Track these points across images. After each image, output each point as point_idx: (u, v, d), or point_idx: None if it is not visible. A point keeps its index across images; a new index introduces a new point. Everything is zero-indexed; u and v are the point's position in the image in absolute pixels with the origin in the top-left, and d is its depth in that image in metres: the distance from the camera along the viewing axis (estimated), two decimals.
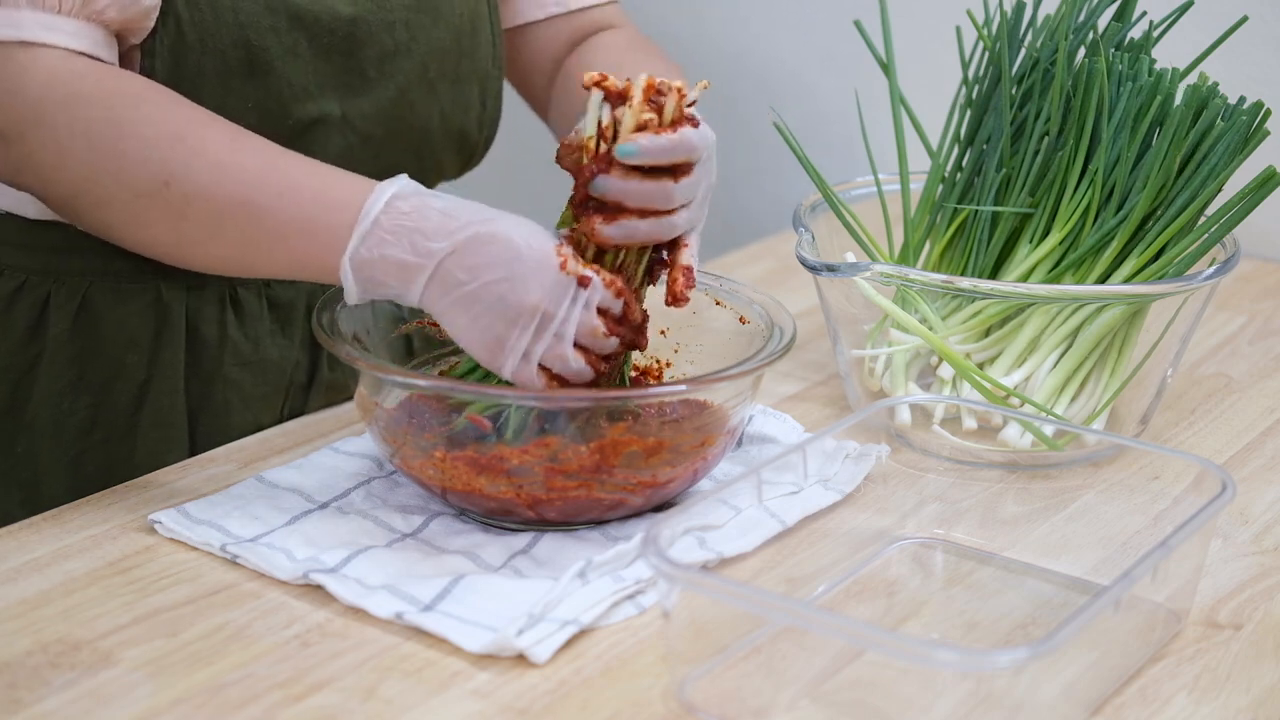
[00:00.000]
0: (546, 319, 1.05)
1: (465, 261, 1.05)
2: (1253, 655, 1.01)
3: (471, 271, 1.05)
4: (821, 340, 1.48)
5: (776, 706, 0.96)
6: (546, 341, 1.06)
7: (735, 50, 2.09)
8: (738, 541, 1.11)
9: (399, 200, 1.07)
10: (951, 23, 1.41)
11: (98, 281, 1.27)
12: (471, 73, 1.36)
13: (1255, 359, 1.49)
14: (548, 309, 1.05)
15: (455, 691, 0.96)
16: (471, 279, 1.05)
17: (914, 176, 1.37)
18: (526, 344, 1.05)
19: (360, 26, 1.26)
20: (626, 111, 1.05)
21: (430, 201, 1.07)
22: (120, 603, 1.03)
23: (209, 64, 1.20)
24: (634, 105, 1.05)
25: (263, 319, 1.32)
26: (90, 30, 1.12)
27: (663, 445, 1.09)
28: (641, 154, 1.05)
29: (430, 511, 1.14)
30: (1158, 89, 1.25)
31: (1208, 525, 1.00)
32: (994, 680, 0.88)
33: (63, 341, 1.28)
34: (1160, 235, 1.25)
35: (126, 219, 1.12)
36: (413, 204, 1.07)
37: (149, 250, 1.15)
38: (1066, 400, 1.26)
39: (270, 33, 1.22)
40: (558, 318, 1.05)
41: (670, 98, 1.06)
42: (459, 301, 1.06)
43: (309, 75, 1.24)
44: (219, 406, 1.31)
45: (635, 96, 1.05)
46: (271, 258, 1.11)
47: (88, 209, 1.13)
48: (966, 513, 1.16)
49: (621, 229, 1.07)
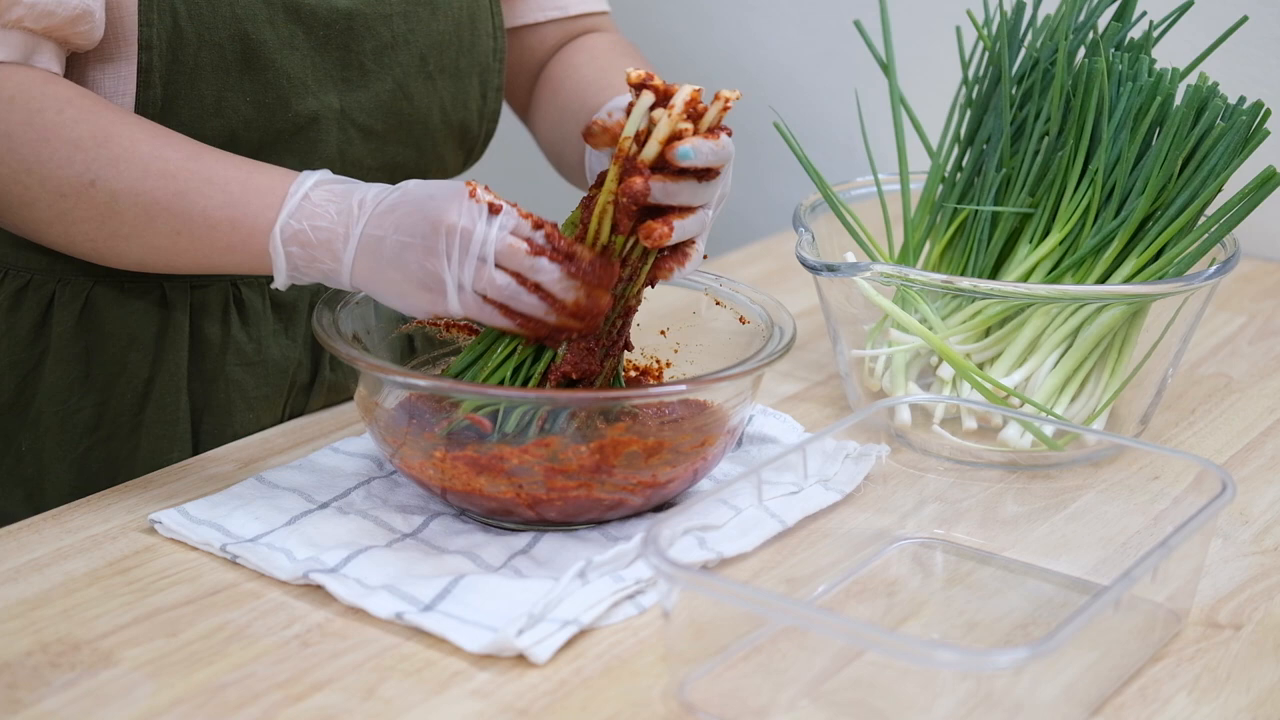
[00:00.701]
0: (465, 237, 1.06)
1: (383, 221, 1.08)
2: (1253, 655, 1.01)
3: (389, 222, 1.08)
4: (821, 340, 1.48)
5: (776, 706, 0.96)
6: (472, 264, 1.06)
7: (735, 50, 2.09)
8: (738, 541, 1.11)
9: (328, 182, 1.11)
10: (951, 23, 1.41)
11: (102, 281, 1.28)
12: (472, 66, 1.36)
13: (1255, 359, 1.49)
14: (464, 225, 1.06)
15: (455, 691, 0.96)
16: (391, 230, 1.08)
17: (914, 176, 1.37)
18: (456, 271, 1.06)
19: (357, 19, 1.26)
20: (664, 119, 1.06)
21: (358, 184, 1.11)
22: (120, 603, 1.03)
23: (206, 57, 1.20)
24: (673, 115, 1.06)
25: (266, 319, 1.32)
26: (9, 37, 1.13)
27: (662, 445, 1.09)
28: (697, 157, 1.06)
29: (430, 511, 1.14)
30: (1158, 89, 1.25)
31: (1208, 525, 1.00)
32: (994, 680, 0.88)
33: (67, 340, 1.28)
34: (1160, 235, 1.25)
35: (51, 218, 1.14)
36: (340, 185, 1.11)
37: (77, 250, 1.17)
38: (1066, 400, 1.26)
39: (267, 25, 1.22)
40: (475, 237, 1.06)
41: (715, 106, 1.07)
42: (384, 260, 1.08)
43: (306, 68, 1.25)
44: (222, 406, 1.31)
45: (676, 106, 1.06)
46: (200, 249, 1.13)
47: (12, 209, 1.15)
48: (966, 513, 1.16)
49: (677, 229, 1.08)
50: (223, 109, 1.21)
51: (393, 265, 1.08)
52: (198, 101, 1.21)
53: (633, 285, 1.11)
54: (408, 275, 1.08)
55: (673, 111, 1.06)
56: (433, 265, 1.07)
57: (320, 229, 1.10)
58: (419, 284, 1.08)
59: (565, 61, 1.40)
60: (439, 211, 1.07)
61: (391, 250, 1.08)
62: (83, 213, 1.13)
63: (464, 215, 1.06)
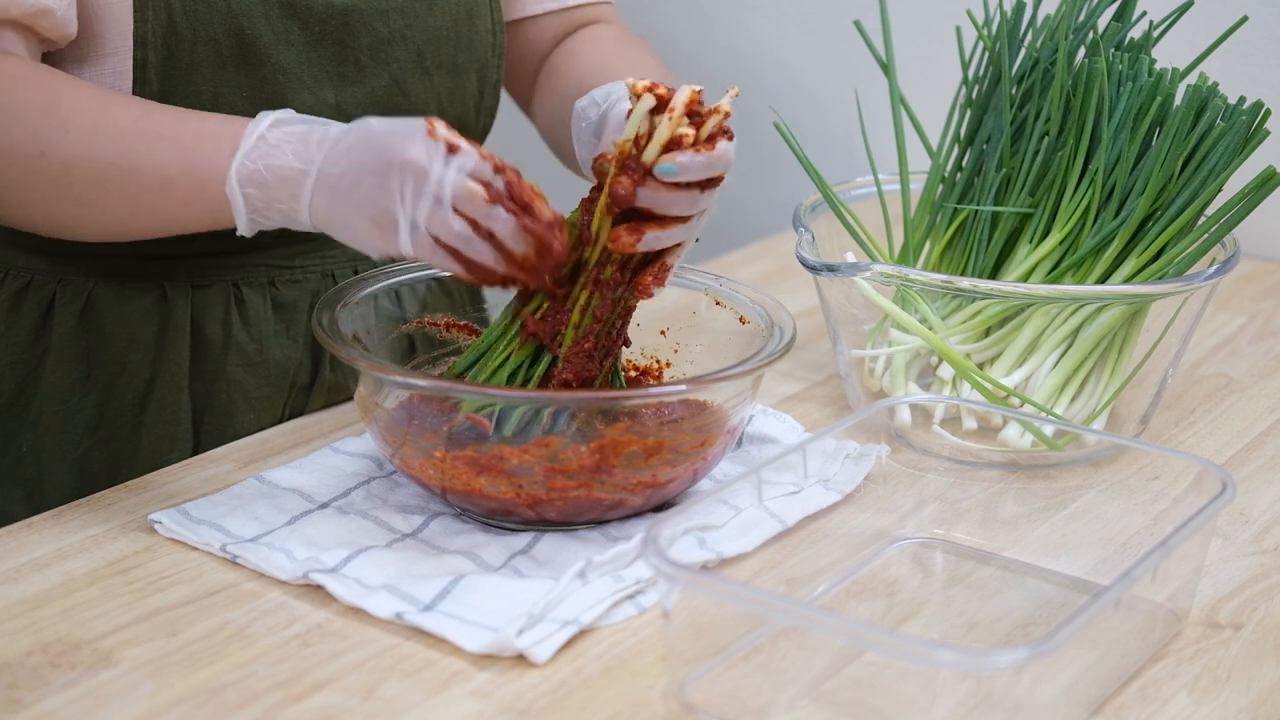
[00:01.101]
0: (421, 176, 1.03)
1: (340, 157, 1.06)
2: (1253, 655, 1.01)
3: (346, 159, 1.06)
4: (821, 340, 1.48)
5: (776, 706, 0.96)
6: (427, 203, 1.04)
7: (735, 50, 2.09)
8: (738, 541, 1.11)
9: (285, 122, 1.09)
10: (951, 23, 1.41)
11: (102, 282, 1.28)
12: (470, 62, 1.36)
13: (1255, 359, 1.49)
14: (420, 163, 1.03)
15: (455, 691, 0.96)
16: (347, 165, 1.06)
17: (914, 176, 1.37)
18: (410, 209, 1.04)
19: (353, 14, 1.26)
20: (665, 122, 1.05)
21: (316, 122, 1.09)
22: (120, 603, 1.03)
23: (202, 53, 1.20)
24: (673, 118, 1.04)
25: (267, 319, 1.32)
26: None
27: (662, 445, 1.09)
28: (681, 173, 1.05)
29: (430, 511, 1.14)
30: (1158, 89, 1.25)
31: (1208, 525, 1.00)
32: (994, 680, 0.88)
33: (68, 340, 1.28)
34: (1160, 235, 1.25)
35: (6, 193, 1.14)
36: (300, 125, 1.09)
37: (37, 225, 1.16)
38: (1066, 400, 1.26)
39: (262, 21, 1.22)
40: (431, 176, 1.03)
41: (714, 117, 1.05)
42: (340, 195, 1.06)
43: (302, 63, 1.24)
44: (223, 406, 1.31)
45: (676, 109, 1.05)
46: (157, 206, 1.12)
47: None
48: (966, 513, 1.16)
49: (646, 240, 1.07)
50: (219, 105, 1.21)
51: (348, 201, 1.06)
52: (194, 97, 1.21)
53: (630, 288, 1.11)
54: (362, 212, 1.05)
55: (672, 114, 1.05)
56: (386, 202, 1.04)
57: (276, 168, 1.07)
58: (372, 221, 1.05)
59: (567, 51, 1.40)
60: (395, 148, 1.04)
61: (347, 186, 1.06)
62: (36, 184, 1.12)
63: (420, 152, 1.04)
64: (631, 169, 1.06)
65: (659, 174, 1.05)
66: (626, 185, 1.05)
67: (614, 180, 1.06)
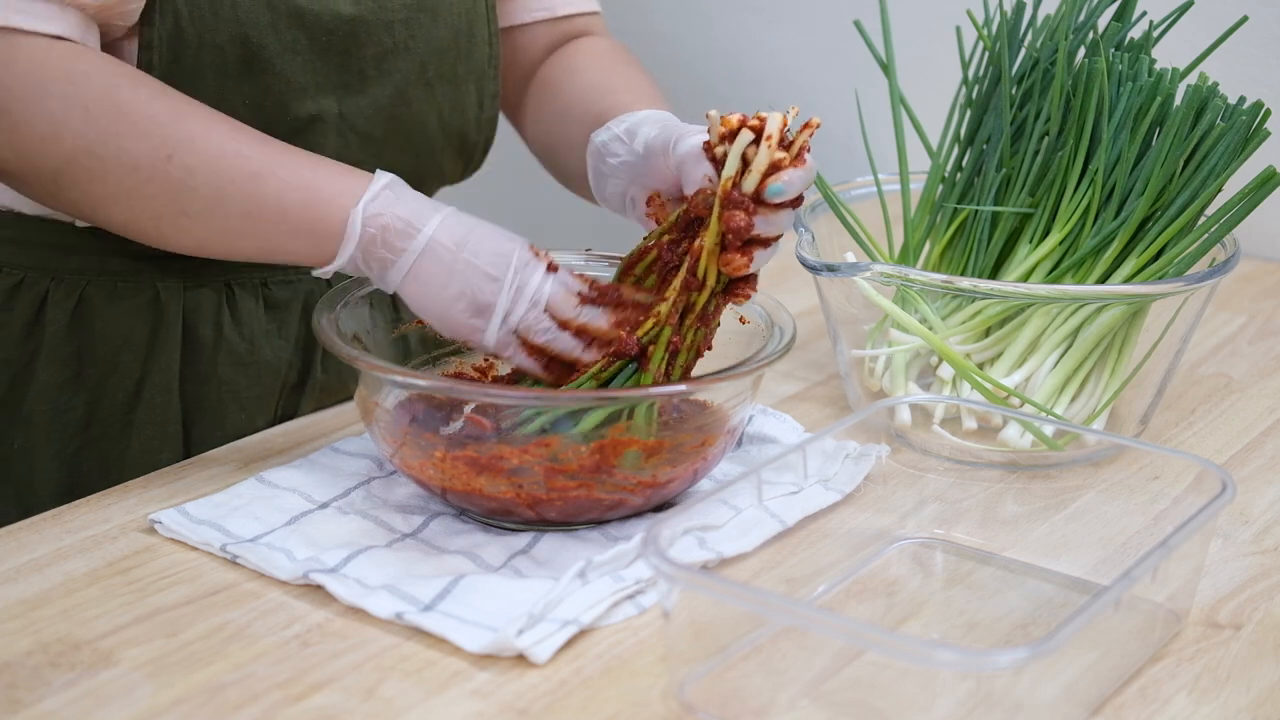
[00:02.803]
0: (525, 279, 1.10)
1: (455, 233, 1.11)
2: (1253, 655, 1.01)
3: (461, 239, 1.11)
4: (821, 340, 1.48)
5: (776, 706, 0.96)
6: (525, 303, 1.10)
7: (735, 50, 2.09)
8: (738, 541, 1.11)
9: (403, 185, 1.14)
10: (951, 23, 1.41)
11: (95, 280, 1.28)
12: (469, 73, 1.36)
13: (1255, 359, 1.49)
14: (524, 277, 1.10)
15: (455, 691, 0.96)
16: (463, 246, 1.11)
17: (914, 176, 1.37)
18: (508, 305, 1.10)
19: (360, 25, 1.26)
20: (764, 150, 1.07)
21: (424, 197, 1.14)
22: (120, 603, 1.03)
23: (206, 59, 1.20)
24: (771, 145, 1.07)
25: (259, 319, 1.32)
26: (65, 14, 1.12)
27: (663, 445, 1.09)
28: (788, 192, 1.08)
29: (430, 511, 1.14)
30: (1158, 89, 1.25)
31: (1208, 525, 1.00)
32: (994, 680, 0.88)
33: (60, 339, 1.28)
34: (1160, 235, 1.25)
35: (119, 194, 1.13)
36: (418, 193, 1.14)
37: (138, 229, 1.15)
38: (1066, 400, 1.26)
39: (269, 30, 1.22)
40: (531, 284, 1.10)
41: (804, 134, 1.09)
42: (443, 268, 1.10)
43: (307, 73, 1.24)
44: (213, 406, 1.31)
45: (773, 137, 1.07)
46: (267, 231, 1.13)
47: (73, 184, 1.13)
48: (966, 513, 1.16)
49: (757, 260, 1.11)
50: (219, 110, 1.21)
51: (451, 276, 1.10)
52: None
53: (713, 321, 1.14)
54: (460, 292, 1.10)
55: (770, 142, 1.07)
56: (489, 291, 1.10)
57: (398, 217, 1.11)
58: (467, 304, 1.10)
59: (563, 65, 1.39)
60: (511, 248, 1.11)
61: (457, 263, 1.10)
62: (154, 189, 1.12)
63: (525, 266, 1.11)
64: (738, 202, 1.08)
65: (769, 196, 1.08)
66: (743, 218, 1.08)
67: (727, 215, 1.08)
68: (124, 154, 1.11)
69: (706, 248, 1.10)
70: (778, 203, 1.08)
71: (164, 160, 1.11)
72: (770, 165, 1.07)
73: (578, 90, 1.35)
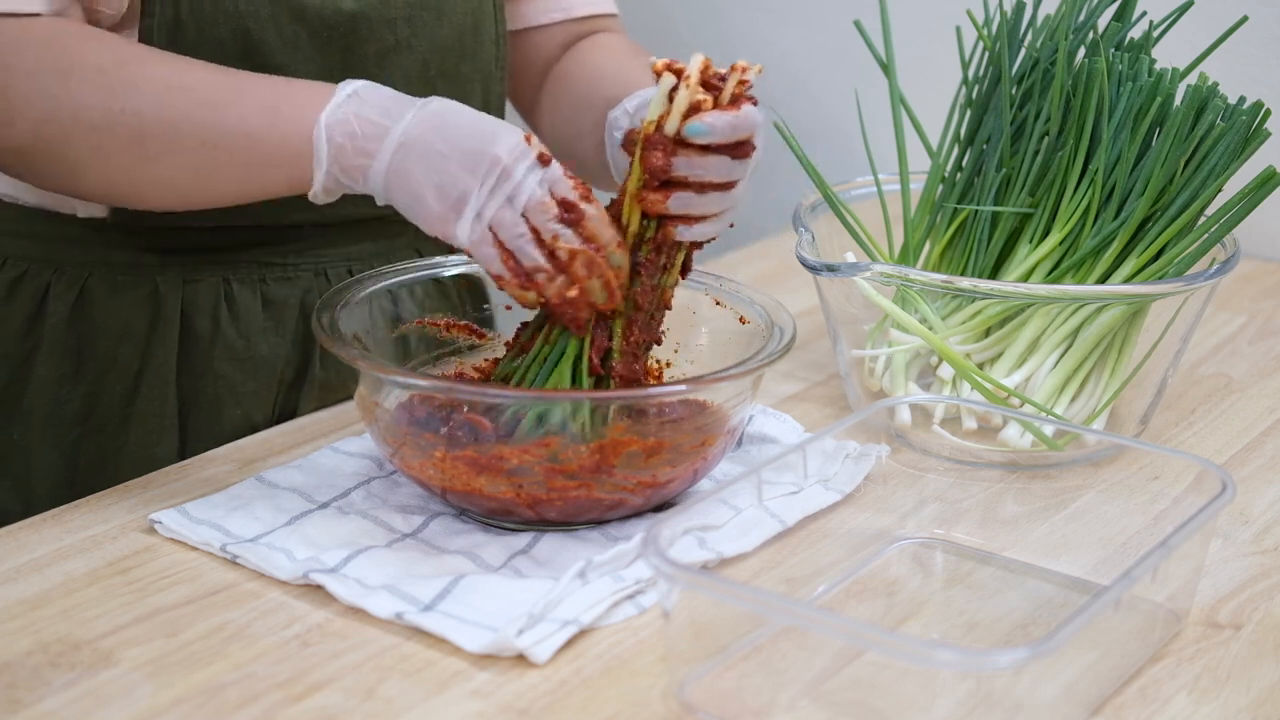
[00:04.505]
0: (505, 175, 1.06)
1: (429, 125, 1.08)
2: (1253, 655, 1.01)
3: (436, 132, 1.07)
4: (821, 340, 1.48)
5: (776, 706, 0.96)
6: (499, 200, 1.06)
7: (735, 50, 2.09)
8: (738, 541, 1.11)
9: (376, 87, 1.11)
10: (951, 23, 1.41)
11: (96, 272, 1.28)
12: (474, 73, 1.36)
13: (1255, 359, 1.49)
14: (508, 165, 1.06)
15: (455, 691, 0.96)
16: (437, 137, 1.07)
17: (914, 176, 1.37)
18: (482, 198, 1.06)
19: (361, 22, 1.26)
20: (682, 90, 1.06)
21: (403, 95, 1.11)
22: (120, 603, 1.03)
23: (205, 53, 1.20)
24: (690, 85, 1.05)
25: (256, 315, 1.32)
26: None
27: (663, 445, 1.09)
28: (710, 132, 1.06)
29: (430, 511, 1.14)
30: (1158, 89, 1.25)
31: (1208, 525, 1.00)
32: (994, 680, 0.88)
33: (60, 332, 1.28)
34: (1160, 235, 1.25)
35: (86, 155, 1.13)
36: (390, 91, 1.11)
37: (113, 191, 1.15)
38: (1066, 400, 1.26)
39: (270, 24, 1.22)
40: (514, 178, 1.06)
41: (733, 76, 1.07)
42: (421, 161, 1.07)
43: (307, 69, 1.25)
44: (210, 401, 1.32)
45: (691, 77, 1.06)
46: (235, 161, 1.11)
47: (47, 153, 1.14)
48: (966, 513, 1.16)
49: (677, 200, 1.08)
50: None
51: (427, 169, 1.07)
52: None
53: (669, 275, 1.11)
54: (432, 181, 1.07)
55: (689, 83, 1.05)
56: (464, 183, 1.06)
57: (366, 119, 1.09)
58: (439, 194, 1.07)
59: (577, 58, 1.39)
60: (492, 138, 1.06)
61: (432, 155, 1.07)
62: (114, 143, 1.12)
63: (512, 155, 1.06)
64: (659, 143, 1.06)
65: (688, 134, 1.06)
66: (659, 158, 1.06)
67: (645, 155, 1.06)
68: (80, 113, 1.11)
69: (629, 190, 1.08)
70: (702, 144, 1.06)
71: (117, 112, 1.10)
72: (690, 107, 1.06)
73: (592, 78, 1.34)
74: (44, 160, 1.14)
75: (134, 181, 1.14)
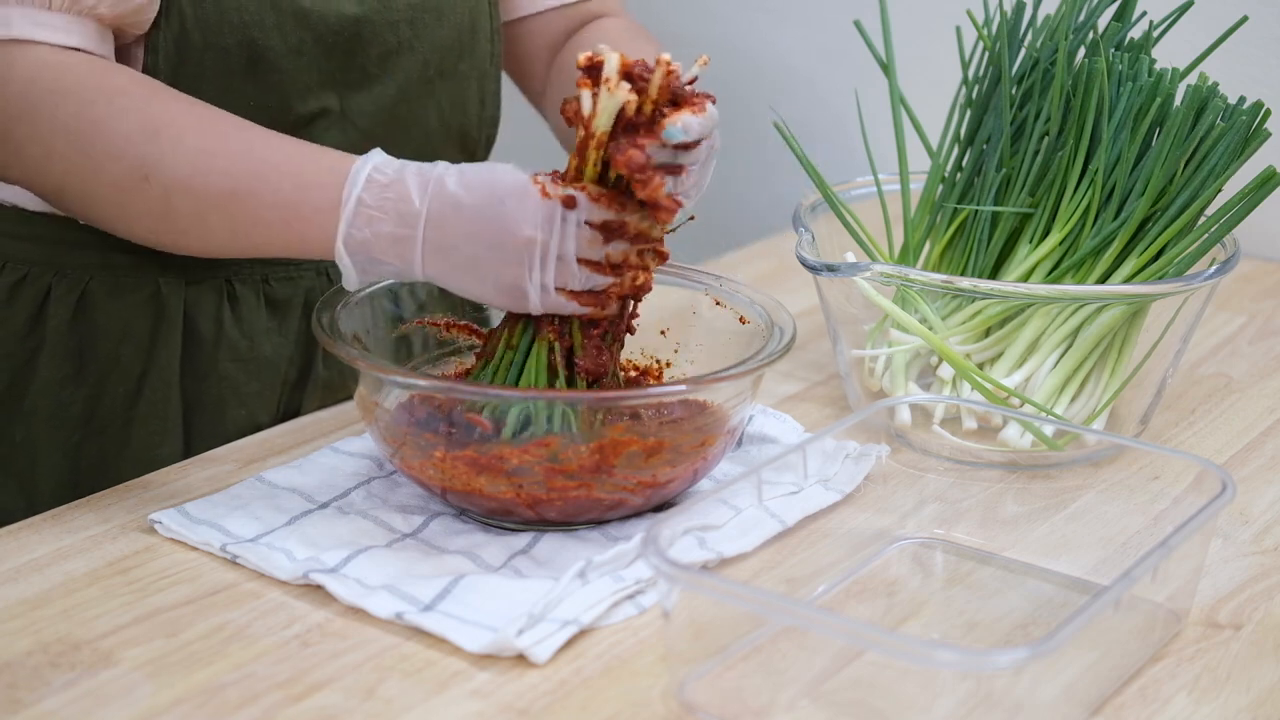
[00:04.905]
0: (545, 248, 1.06)
1: (448, 226, 1.06)
2: (1253, 655, 1.01)
3: (458, 232, 1.06)
4: (821, 340, 1.48)
5: (776, 706, 0.96)
6: (551, 268, 1.06)
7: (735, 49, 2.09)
8: (738, 541, 1.11)
9: (377, 174, 1.08)
10: (951, 23, 1.41)
11: (98, 274, 1.28)
12: (471, 70, 1.36)
13: (1255, 359, 1.49)
14: (543, 239, 1.05)
15: (455, 691, 0.96)
16: (462, 240, 1.06)
17: (914, 176, 1.37)
18: (539, 277, 1.06)
19: (365, 25, 1.26)
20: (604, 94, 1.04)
21: (408, 167, 1.09)
22: (120, 603, 1.03)
23: (211, 61, 1.20)
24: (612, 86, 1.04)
25: (260, 315, 1.32)
26: (81, 25, 1.12)
27: (663, 445, 1.09)
28: (688, 135, 1.05)
29: (430, 511, 1.14)
30: (1158, 89, 1.25)
31: (1208, 525, 1.00)
32: (994, 680, 0.88)
33: (62, 334, 1.28)
34: (1160, 235, 1.25)
35: (113, 213, 1.14)
36: (391, 174, 1.08)
37: (144, 241, 1.17)
38: (1066, 400, 1.26)
39: (275, 31, 1.22)
40: (553, 244, 1.06)
41: (659, 69, 1.05)
42: (460, 266, 1.07)
43: (311, 73, 1.25)
44: (214, 402, 1.32)
45: (611, 78, 1.04)
46: (263, 242, 1.12)
47: (75, 202, 1.15)
48: (966, 513, 1.16)
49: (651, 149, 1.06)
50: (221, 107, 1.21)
51: (467, 273, 1.07)
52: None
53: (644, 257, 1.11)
54: (484, 282, 1.07)
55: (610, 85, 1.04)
56: (512, 275, 1.06)
57: (383, 235, 1.08)
58: (497, 290, 1.07)
59: (577, 46, 1.39)
60: (514, 224, 1.05)
61: (465, 261, 1.07)
62: (140, 207, 1.12)
63: (540, 226, 1.05)
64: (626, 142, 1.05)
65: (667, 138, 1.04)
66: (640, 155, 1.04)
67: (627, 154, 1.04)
68: (103, 175, 1.11)
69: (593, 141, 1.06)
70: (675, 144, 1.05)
71: (141, 181, 1.10)
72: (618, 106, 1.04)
73: None
74: (72, 203, 1.16)
75: (159, 239, 1.15)
